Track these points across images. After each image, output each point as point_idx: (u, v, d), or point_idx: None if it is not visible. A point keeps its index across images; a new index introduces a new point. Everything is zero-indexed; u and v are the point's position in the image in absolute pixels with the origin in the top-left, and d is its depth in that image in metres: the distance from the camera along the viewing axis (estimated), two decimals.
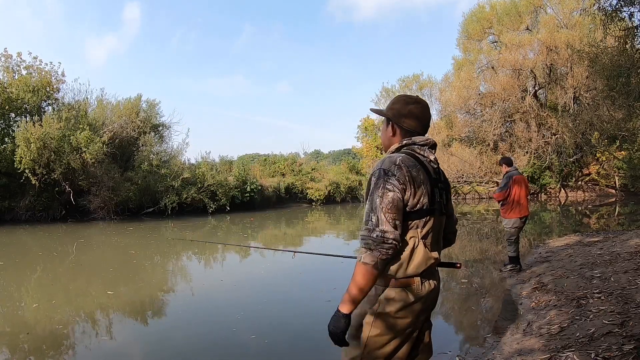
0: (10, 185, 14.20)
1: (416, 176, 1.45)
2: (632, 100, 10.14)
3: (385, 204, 1.39)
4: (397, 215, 1.39)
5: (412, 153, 1.54)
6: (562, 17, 20.72)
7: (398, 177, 1.42)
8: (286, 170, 23.66)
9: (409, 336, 1.52)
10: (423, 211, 1.46)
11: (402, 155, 1.50)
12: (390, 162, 1.46)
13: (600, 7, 8.58)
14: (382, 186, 1.41)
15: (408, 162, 1.46)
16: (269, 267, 7.67)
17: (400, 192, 1.41)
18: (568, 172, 22.19)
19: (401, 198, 1.40)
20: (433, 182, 1.51)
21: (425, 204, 1.46)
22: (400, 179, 1.41)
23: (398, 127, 1.62)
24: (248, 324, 4.29)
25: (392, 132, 1.63)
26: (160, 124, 19.08)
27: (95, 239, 11.36)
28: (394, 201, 1.39)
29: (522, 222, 5.77)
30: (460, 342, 3.77)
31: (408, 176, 1.43)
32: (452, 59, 25.56)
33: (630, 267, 4.56)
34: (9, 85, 14.79)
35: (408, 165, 1.45)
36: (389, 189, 1.40)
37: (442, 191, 1.57)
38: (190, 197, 16.21)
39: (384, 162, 1.47)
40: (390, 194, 1.40)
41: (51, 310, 4.94)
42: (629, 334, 2.83)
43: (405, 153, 1.53)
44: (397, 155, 1.49)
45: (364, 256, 1.39)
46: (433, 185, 1.50)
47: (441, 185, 1.58)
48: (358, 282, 1.39)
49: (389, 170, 1.43)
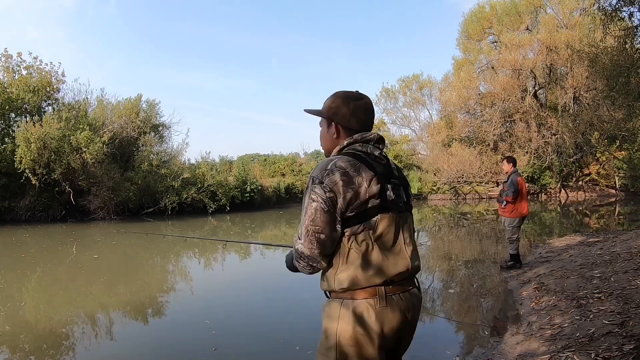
0: (10, 185, 14.19)
1: (355, 176, 1.31)
2: (631, 100, 10.15)
3: (307, 217, 1.31)
4: (321, 227, 1.29)
5: (354, 152, 1.41)
6: (562, 17, 20.72)
7: (326, 184, 1.30)
8: (286, 170, 23.66)
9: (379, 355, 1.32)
10: (371, 210, 1.31)
11: (338, 157, 1.37)
12: (321, 168, 1.34)
13: (600, 7, 8.59)
14: (308, 195, 1.33)
15: (345, 164, 1.33)
16: (269, 267, 7.68)
17: (325, 201, 1.29)
18: (568, 172, 22.20)
19: (326, 208, 1.29)
20: (382, 178, 1.36)
21: (371, 202, 1.32)
22: (328, 186, 1.29)
23: (342, 127, 1.47)
24: (248, 323, 4.29)
25: (336, 133, 1.48)
26: (160, 124, 19.08)
27: (95, 239, 11.36)
28: (316, 212, 1.29)
29: (522, 221, 5.91)
30: (460, 342, 3.77)
31: (343, 179, 1.30)
32: (452, 59, 25.62)
33: (630, 267, 4.56)
34: (9, 85, 14.78)
35: (344, 167, 1.32)
36: (313, 199, 1.31)
37: (397, 187, 1.41)
38: (190, 197, 16.20)
39: (316, 168, 1.37)
40: (314, 205, 1.30)
41: (51, 310, 4.94)
42: (629, 334, 2.83)
43: (347, 154, 1.40)
44: (332, 159, 1.37)
45: (291, 259, 1.45)
46: (383, 182, 1.35)
47: (395, 181, 1.42)
48: (289, 264, 1.51)
49: (316, 178, 1.32)
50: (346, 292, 1.31)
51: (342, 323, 1.30)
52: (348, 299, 1.31)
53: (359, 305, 1.29)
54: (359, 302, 1.29)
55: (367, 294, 1.29)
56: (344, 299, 1.32)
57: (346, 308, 1.30)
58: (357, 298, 1.30)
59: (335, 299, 1.35)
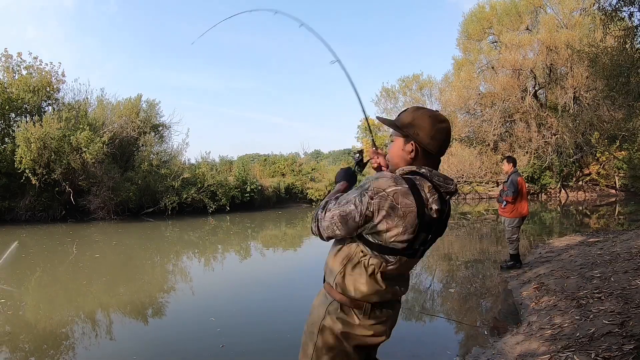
0: (10, 185, 14.17)
1: (398, 217, 1.31)
2: (631, 100, 10.14)
3: (342, 208, 1.37)
4: (343, 227, 1.37)
5: (418, 192, 1.35)
6: (562, 17, 20.71)
7: (373, 202, 1.31)
8: (286, 170, 23.63)
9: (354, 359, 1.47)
10: (394, 250, 1.36)
11: (403, 189, 1.32)
12: (382, 186, 1.32)
13: (600, 7, 8.58)
14: (356, 195, 1.36)
15: (400, 199, 1.31)
16: (269, 266, 7.68)
17: (360, 214, 1.33)
18: (568, 172, 22.18)
19: (357, 219, 1.34)
20: (422, 228, 1.36)
21: (399, 244, 1.35)
22: (372, 205, 1.31)
23: (420, 149, 1.42)
24: (253, 320, 4.29)
25: (414, 154, 1.43)
26: (160, 124, 19.06)
27: (95, 239, 11.36)
28: (349, 214, 1.35)
29: (522, 221, 5.91)
30: (460, 342, 3.77)
31: (387, 212, 1.30)
32: (452, 59, 25.60)
33: (630, 267, 4.56)
34: (9, 85, 14.77)
35: (397, 204, 1.30)
36: (354, 204, 1.34)
37: (428, 240, 1.43)
38: (190, 197, 16.20)
39: (379, 179, 1.35)
40: (351, 208, 1.34)
41: (51, 310, 4.94)
42: (629, 334, 2.83)
43: (412, 187, 1.34)
44: (397, 186, 1.32)
45: (316, 214, 1.49)
46: (420, 231, 1.35)
47: (431, 235, 1.42)
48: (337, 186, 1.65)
49: (371, 190, 1.32)
50: (340, 293, 1.44)
51: (328, 316, 1.45)
52: (339, 300, 1.45)
53: (348, 310, 1.44)
54: (347, 307, 1.44)
55: (355, 304, 1.43)
56: (335, 297, 1.46)
57: (335, 305, 1.45)
58: (346, 303, 1.44)
59: (330, 293, 1.48)
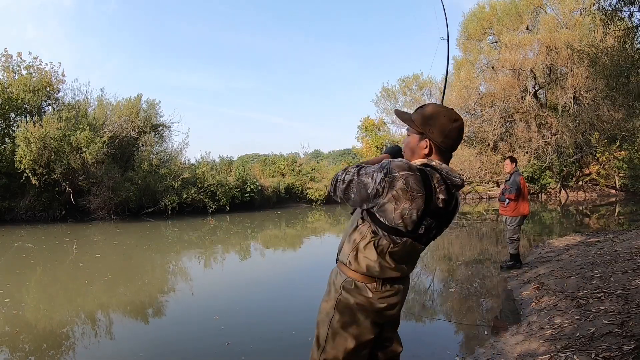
0: (10, 185, 14.17)
1: (407, 200, 1.40)
2: (631, 100, 10.15)
3: (361, 176, 1.48)
4: (357, 192, 1.49)
5: (429, 181, 1.45)
6: (562, 17, 20.70)
7: (386, 180, 1.42)
8: (286, 170, 23.62)
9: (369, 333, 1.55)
10: (401, 232, 1.46)
11: (415, 175, 1.42)
12: (398, 167, 1.43)
13: (600, 7, 8.59)
14: (374, 170, 1.47)
15: (413, 186, 1.40)
16: (270, 266, 7.68)
17: (374, 187, 1.44)
18: (568, 172, 22.18)
19: (369, 190, 1.45)
20: (428, 214, 1.45)
21: (405, 227, 1.45)
22: (384, 182, 1.42)
23: (435, 146, 1.53)
24: (256, 319, 4.29)
25: (428, 150, 1.54)
26: (160, 124, 19.05)
27: (95, 239, 11.36)
28: (365, 184, 1.46)
29: (523, 220, 5.95)
30: (460, 342, 3.77)
31: (398, 192, 1.40)
32: (452, 59, 25.58)
33: (630, 267, 4.56)
34: (9, 85, 14.76)
35: (407, 188, 1.40)
36: (372, 177, 1.45)
37: (432, 227, 1.51)
38: (190, 197, 16.19)
39: (395, 160, 1.46)
40: (368, 180, 1.46)
41: (51, 310, 4.94)
42: (629, 334, 2.83)
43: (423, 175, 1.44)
44: (410, 170, 1.43)
45: (338, 175, 1.58)
46: (424, 216, 1.45)
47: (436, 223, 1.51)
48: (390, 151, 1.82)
49: (387, 168, 1.44)
50: (353, 272, 1.54)
51: (343, 292, 1.55)
52: (351, 277, 1.55)
53: (361, 285, 1.53)
54: (361, 283, 1.53)
55: (367, 280, 1.53)
56: (348, 275, 1.56)
57: (350, 282, 1.55)
58: (359, 279, 1.54)
59: (342, 271, 1.59)
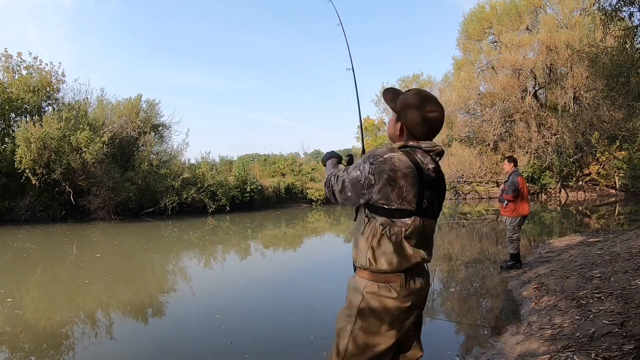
0: (10, 185, 14.17)
1: (400, 178, 1.46)
2: (631, 100, 10.14)
3: (350, 176, 1.54)
4: (351, 189, 1.53)
5: (412, 156, 1.52)
6: (562, 17, 20.70)
7: (373, 167, 1.47)
8: (286, 170, 23.63)
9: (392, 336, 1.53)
10: (407, 211, 1.48)
11: (398, 154, 1.50)
12: (380, 153, 1.50)
13: (600, 7, 8.58)
14: (359, 165, 1.53)
15: (399, 164, 1.47)
16: (270, 266, 7.68)
17: (365, 178, 1.49)
18: (568, 172, 22.17)
19: (362, 182, 1.50)
20: (424, 185, 1.50)
21: (409, 205, 1.48)
22: (373, 170, 1.47)
23: (406, 129, 1.60)
24: (258, 318, 4.29)
25: (399, 131, 1.62)
26: (160, 124, 19.05)
27: (95, 239, 11.36)
28: (356, 179, 1.51)
29: (523, 221, 5.93)
30: (460, 342, 3.77)
31: (388, 175, 1.45)
32: (452, 59, 25.59)
33: (630, 267, 4.56)
34: (9, 85, 14.77)
35: (396, 167, 1.46)
36: (359, 170, 1.51)
37: (432, 198, 1.55)
38: (190, 197, 16.20)
39: (377, 149, 1.53)
40: (357, 174, 1.51)
41: (51, 310, 4.94)
42: (629, 334, 2.83)
43: (406, 153, 1.52)
44: (392, 151, 1.51)
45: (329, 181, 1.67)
46: (423, 189, 1.50)
47: (435, 192, 1.57)
48: (328, 170, 1.80)
49: (371, 157, 1.50)
50: (373, 272, 1.51)
51: (366, 296, 1.51)
52: (373, 279, 1.51)
53: (384, 286, 1.50)
54: (384, 283, 1.50)
55: (390, 278, 1.50)
56: (369, 277, 1.52)
57: (371, 285, 1.51)
58: (381, 280, 1.50)
59: (361, 276, 1.55)
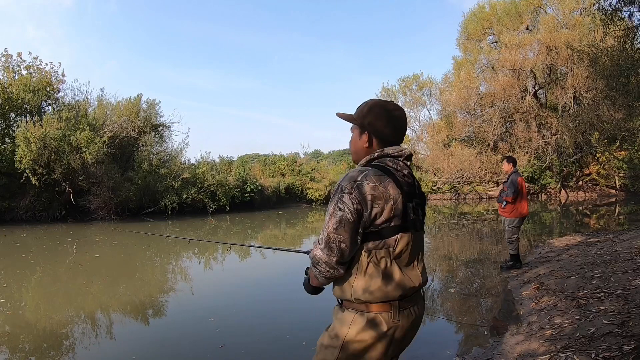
0: (10, 185, 14.18)
1: (384, 192, 1.32)
2: (631, 100, 10.15)
3: (332, 225, 1.32)
4: (344, 237, 1.30)
5: (383, 166, 1.41)
6: (562, 17, 20.71)
7: (354, 196, 1.30)
8: (286, 170, 23.63)
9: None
10: (393, 228, 1.34)
11: (369, 169, 1.37)
12: (351, 178, 1.34)
13: (600, 7, 8.58)
14: (334, 203, 1.33)
15: (374, 179, 1.33)
16: (269, 267, 7.67)
17: (351, 212, 1.30)
18: (568, 172, 22.19)
19: (352, 219, 1.30)
20: (406, 196, 1.38)
21: (395, 220, 1.34)
22: (356, 198, 1.30)
23: (375, 137, 1.46)
24: (252, 321, 4.29)
25: (368, 143, 1.47)
26: (160, 124, 19.05)
27: (95, 239, 11.36)
28: (342, 222, 1.30)
29: (522, 221, 5.91)
30: (460, 342, 3.76)
31: (371, 194, 1.31)
32: (452, 59, 25.61)
33: (630, 267, 4.56)
34: (9, 85, 14.77)
35: (373, 182, 1.32)
36: (340, 208, 1.31)
37: (417, 207, 1.45)
38: (190, 197, 16.20)
39: (346, 177, 1.36)
40: (340, 214, 1.31)
41: (51, 310, 4.94)
42: (629, 334, 2.83)
43: (375, 166, 1.40)
44: (362, 170, 1.36)
45: (311, 267, 1.42)
46: (406, 200, 1.38)
47: (416, 200, 1.46)
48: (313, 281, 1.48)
49: (346, 187, 1.32)
50: (362, 303, 1.35)
51: (353, 329, 1.35)
52: (363, 310, 1.35)
53: (374, 318, 1.34)
54: (374, 314, 1.34)
55: (382, 308, 1.34)
56: (358, 309, 1.36)
57: (360, 317, 1.35)
58: (372, 311, 1.34)
59: (349, 308, 1.39)
